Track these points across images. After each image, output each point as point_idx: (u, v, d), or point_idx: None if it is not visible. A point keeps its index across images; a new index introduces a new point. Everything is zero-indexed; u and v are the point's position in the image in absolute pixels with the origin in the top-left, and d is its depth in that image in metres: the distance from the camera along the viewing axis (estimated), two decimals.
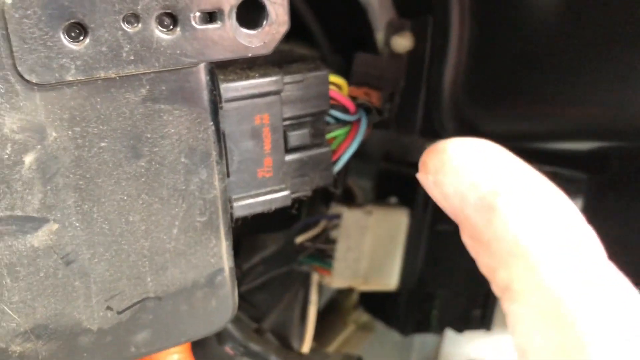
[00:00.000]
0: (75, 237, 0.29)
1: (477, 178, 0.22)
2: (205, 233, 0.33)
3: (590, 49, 0.35)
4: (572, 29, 0.35)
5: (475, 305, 0.59)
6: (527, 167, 0.24)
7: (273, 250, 0.52)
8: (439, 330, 0.60)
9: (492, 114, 0.42)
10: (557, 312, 0.20)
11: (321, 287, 0.59)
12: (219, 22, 0.29)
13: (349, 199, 0.63)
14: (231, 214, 0.34)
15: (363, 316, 0.67)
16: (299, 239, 0.53)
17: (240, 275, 0.51)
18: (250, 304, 0.53)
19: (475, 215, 0.22)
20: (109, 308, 0.31)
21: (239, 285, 0.51)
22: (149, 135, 0.30)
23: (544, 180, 0.23)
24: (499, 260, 0.22)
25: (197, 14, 0.28)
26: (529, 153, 0.47)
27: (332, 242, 0.54)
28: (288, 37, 0.57)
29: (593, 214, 0.54)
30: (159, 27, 0.28)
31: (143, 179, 0.30)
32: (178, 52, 0.28)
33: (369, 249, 0.54)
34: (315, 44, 0.53)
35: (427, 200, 0.56)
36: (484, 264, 0.23)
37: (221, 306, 0.34)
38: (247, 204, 0.34)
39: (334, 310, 0.66)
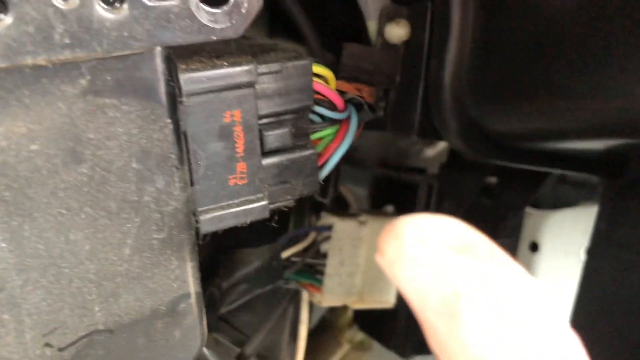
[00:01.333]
0: (2, 260, 0.24)
1: (437, 276, 0.19)
2: (164, 253, 0.28)
3: (615, 35, 0.32)
4: (594, 12, 0.31)
5: None
6: (506, 260, 0.19)
7: (257, 266, 0.47)
8: None
9: (500, 112, 0.39)
10: None
11: (311, 304, 0.54)
12: None
13: (341, 208, 0.58)
14: (197, 229, 0.29)
15: (358, 334, 0.62)
16: (286, 254, 0.48)
17: (220, 295, 0.45)
18: (233, 327, 0.48)
19: (435, 321, 0.19)
20: (47, 345, 0.27)
21: (219, 306, 0.46)
22: (91, 136, 0.25)
23: (526, 279, 0.19)
24: None
25: None
26: (539, 155, 0.43)
27: (323, 256, 0.50)
28: (272, 33, 0.52)
29: (609, 223, 0.50)
30: (101, 3, 0.23)
31: (86, 189, 0.25)
32: (125, 34, 0.24)
33: (364, 263, 0.50)
34: (302, 39, 0.48)
35: (427, 208, 0.51)
36: None
37: (186, 338, 0.30)
38: (217, 217, 0.29)
39: (326, 329, 0.62)
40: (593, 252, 0.49)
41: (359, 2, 0.40)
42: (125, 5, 0.23)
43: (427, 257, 0.19)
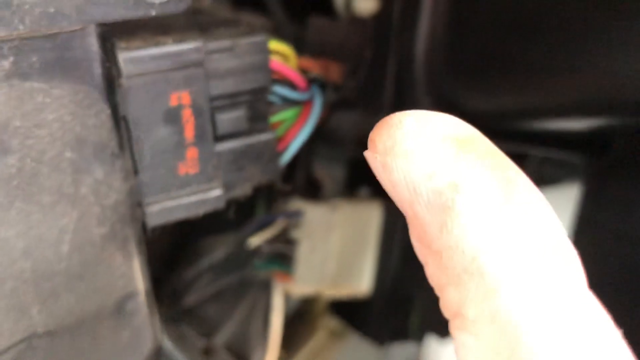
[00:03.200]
0: None
1: (434, 166, 0.18)
2: (107, 248, 0.25)
3: (592, 8, 0.31)
4: None
5: None
6: (505, 160, 0.18)
7: (222, 255, 0.45)
8: (419, 337, 0.54)
9: (475, 88, 0.38)
10: (514, 354, 0.16)
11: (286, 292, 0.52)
12: None
13: (315, 191, 0.57)
14: (144, 223, 0.27)
15: (334, 322, 0.61)
16: (254, 241, 0.46)
17: (183, 286, 0.43)
18: (199, 318, 0.46)
19: (426, 215, 0.18)
20: None
21: (183, 298, 0.44)
22: (18, 124, 0.23)
23: (524, 180, 0.18)
24: (451, 276, 0.17)
25: None
26: (518, 134, 0.42)
27: (293, 243, 0.48)
28: (235, 4, 0.50)
29: (593, 203, 0.49)
30: None
31: (15, 182, 0.23)
32: (51, 10, 0.22)
33: (337, 249, 0.48)
34: (267, 11, 0.46)
35: None
36: (433, 276, 0.19)
37: (136, 339, 0.28)
38: (166, 209, 0.27)
39: (300, 315, 0.60)
40: (575, 236, 0.48)
41: None
42: None
43: (424, 146, 0.18)
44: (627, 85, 0.31)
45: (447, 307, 0.18)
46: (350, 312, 0.58)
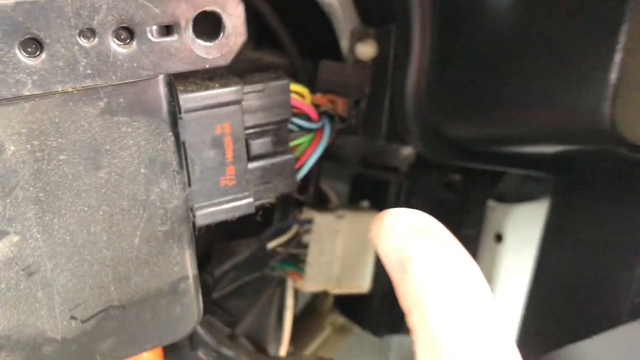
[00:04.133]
0: (37, 248, 0.30)
1: (398, 245, 0.28)
2: (167, 242, 0.33)
3: (542, 56, 0.36)
4: (524, 37, 0.37)
5: None
6: (449, 239, 0.28)
7: (245, 256, 0.52)
8: None
9: (454, 119, 0.43)
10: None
11: (296, 291, 0.59)
12: (176, 34, 0.29)
13: (322, 203, 0.63)
14: (194, 223, 0.35)
15: (340, 319, 0.67)
16: (271, 244, 0.53)
17: (213, 281, 0.51)
18: (224, 310, 0.53)
19: (395, 274, 0.28)
20: (73, 317, 0.32)
21: (212, 291, 0.51)
22: (108, 147, 0.30)
23: (459, 251, 0.28)
24: (408, 307, 0.27)
25: (154, 27, 0.29)
26: (493, 156, 0.49)
27: (305, 246, 0.55)
28: (258, 44, 0.58)
29: (560, 213, 0.55)
30: (115, 40, 0.28)
31: (103, 190, 0.31)
32: (135, 65, 0.29)
33: (341, 253, 0.55)
34: (284, 50, 0.53)
35: (397, 204, 0.57)
36: (402, 305, 0.27)
37: (185, 313, 0.35)
38: (210, 212, 0.35)
39: (310, 314, 0.67)
40: (544, 242, 0.55)
41: (334, 24, 0.46)
42: (135, 42, 0.28)
43: (394, 234, 0.28)
44: (574, 118, 0.36)
45: (408, 324, 0.27)
46: (352, 309, 0.64)
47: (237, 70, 0.36)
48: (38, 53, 0.27)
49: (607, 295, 0.50)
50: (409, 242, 0.28)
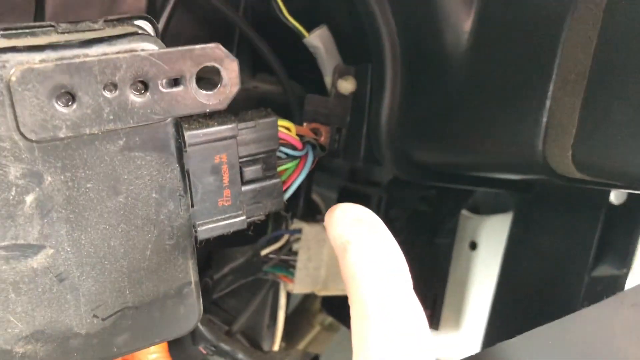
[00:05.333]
0: (67, 259, 0.35)
1: (341, 231, 0.34)
2: (173, 253, 0.39)
3: (489, 97, 0.42)
4: (475, 80, 0.42)
5: (425, 306, 0.65)
6: (381, 227, 0.34)
7: (241, 261, 0.58)
8: None
9: (421, 146, 0.49)
10: (362, 335, 0.30)
11: (288, 293, 0.65)
12: (182, 85, 0.34)
13: (314, 212, 0.69)
14: (196, 237, 0.41)
15: (328, 318, 0.73)
16: (265, 252, 0.59)
17: (212, 284, 0.57)
18: (222, 309, 0.59)
19: (338, 252, 0.34)
20: (95, 316, 0.38)
21: (212, 293, 0.58)
22: (125, 177, 0.35)
23: (388, 237, 0.33)
24: (346, 279, 0.32)
25: (164, 80, 0.34)
26: (459, 177, 0.54)
27: (295, 253, 0.60)
28: (255, 73, 0.64)
29: (523, 225, 0.61)
30: (133, 92, 0.33)
31: (122, 212, 0.36)
32: (149, 111, 0.34)
33: (327, 259, 0.61)
34: (277, 77, 0.59)
35: (377, 214, 0.62)
36: (343, 278, 0.33)
37: (188, 312, 0.41)
38: (209, 228, 0.41)
39: (301, 313, 0.72)
40: (508, 251, 0.61)
41: (318, 63, 0.52)
42: (148, 93, 0.33)
43: (339, 222, 0.34)
44: (518, 152, 0.40)
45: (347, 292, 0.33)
46: (338, 309, 0.69)
47: (235, 99, 0.42)
48: (71, 104, 0.31)
49: (560, 299, 0.55)
50: (350, 229, 0.33)
